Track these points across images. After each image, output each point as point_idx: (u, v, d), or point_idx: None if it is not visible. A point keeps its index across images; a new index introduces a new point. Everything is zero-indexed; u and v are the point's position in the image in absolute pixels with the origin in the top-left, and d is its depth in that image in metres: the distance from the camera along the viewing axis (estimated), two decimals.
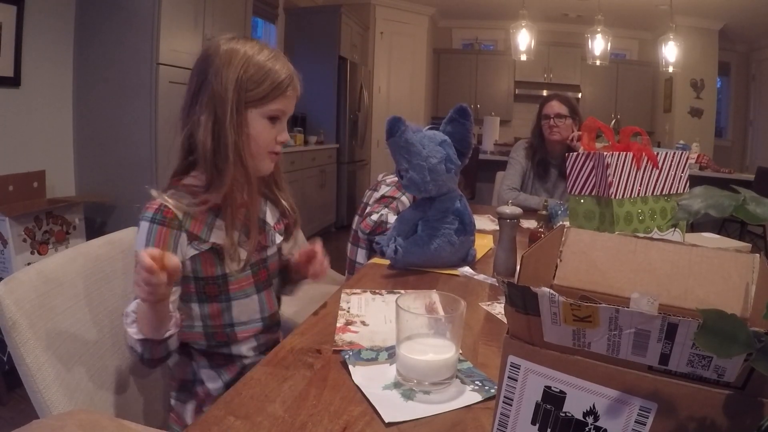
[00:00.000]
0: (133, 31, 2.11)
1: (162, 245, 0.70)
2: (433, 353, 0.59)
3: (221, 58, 0.74)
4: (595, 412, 0.37)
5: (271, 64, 0.76)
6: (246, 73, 0.74)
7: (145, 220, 0.72)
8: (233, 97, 0.73)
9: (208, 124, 0.73)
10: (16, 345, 0.60)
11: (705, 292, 0.45)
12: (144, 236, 0.71)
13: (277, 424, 0.52)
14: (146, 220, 0.72)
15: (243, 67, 0.74)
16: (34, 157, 2.05)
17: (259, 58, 0.75)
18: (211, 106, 0.74)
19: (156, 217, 0.72)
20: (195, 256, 0.74)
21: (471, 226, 1.13)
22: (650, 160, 0.96)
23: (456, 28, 5.91)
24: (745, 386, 0.33)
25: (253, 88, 0.74)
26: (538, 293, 0.36)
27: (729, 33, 4.89)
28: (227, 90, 0.73)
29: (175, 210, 0.72)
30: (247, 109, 0.75)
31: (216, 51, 0.75)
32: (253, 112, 0.76)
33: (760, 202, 0.33)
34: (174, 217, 0.72)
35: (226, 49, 0.75)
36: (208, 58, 0.75)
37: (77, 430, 0.37)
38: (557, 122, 1.90)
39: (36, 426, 0.37)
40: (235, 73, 0.73)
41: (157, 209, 0.72)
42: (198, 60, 0.78)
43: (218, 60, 0.74)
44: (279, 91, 0.76)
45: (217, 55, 0.75)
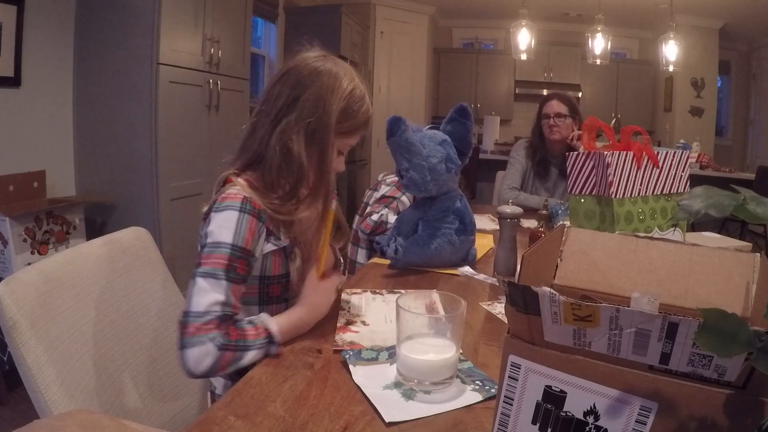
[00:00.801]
0: (133, 31, 2.10)
1: (251, 236, 0.70)
2: (434, 353, 0.59)
3: (324, 82, 0.76)
4: (596, 411, 0.37)
5: (361, 103, 0.79)
6: (345, 106, 0.77)
7: (231, 209, 0.70)
8: (333, 127, 0.76)
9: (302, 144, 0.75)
10: (16, 345, 0.60)
11: (705, 291, 0.45)
12: (233, 225, 0.68)
13: (277, 424, 0.52)
14: (233, 209, 0.70)
15: (345, 98, 0.77)
16: (35, 157, 2.05)
17: (356, 93, 0.78)
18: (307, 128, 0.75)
19: (245, 207, 0.70)
20: (267, 254, 0.75)
21: (471, 225, 1.13)
22: (650, 159, 0.96)
23: (456, 28, 5.91)
24: (745, 386, 0.33)
25: (344, 121, 0.78)
26: (538, 293, 0.36)
27: (729, 32, 4.89)
28: (330, 118, 0.75)
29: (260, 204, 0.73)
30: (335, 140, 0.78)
31: (316, 71, 0.77)
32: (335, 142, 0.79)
33: (761, 201, 0.33)
34: (261, 209, 0.72)
35: (329, 72, 0.77)
36: (307, 75, 0.76)
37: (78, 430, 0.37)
38: (557, 121, 1.90)
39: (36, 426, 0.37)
40: (339, 103, 0.76)
41: (245, 200, 0.71)
42: (290, 70, 0.78)
43: (320, 82, 0.76)
44: (359, 130, 0.81)
45: (319, 77, 0.76)
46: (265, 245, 0.74)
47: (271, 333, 0.67)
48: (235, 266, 0.67)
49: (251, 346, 0.65)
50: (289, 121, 0.75)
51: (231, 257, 0.66)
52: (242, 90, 2.77)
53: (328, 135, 0.76)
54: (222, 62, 2.51)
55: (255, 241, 0.71)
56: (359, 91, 0.79)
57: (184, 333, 0.63)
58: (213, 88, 2.46)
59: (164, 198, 2.19)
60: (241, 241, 0.68)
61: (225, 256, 0.66)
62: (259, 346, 0.65)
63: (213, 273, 0.65)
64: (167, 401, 0.85)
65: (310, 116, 0.75)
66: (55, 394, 0.60)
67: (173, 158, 2.23)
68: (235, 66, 2.67)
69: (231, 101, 2.63)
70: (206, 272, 0.65)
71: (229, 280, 0.66)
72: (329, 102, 0.75)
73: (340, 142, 0.80)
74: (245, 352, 0.64)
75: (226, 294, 0.65)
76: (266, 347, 0.66)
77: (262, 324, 0.68)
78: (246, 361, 0.65)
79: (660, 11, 4.32)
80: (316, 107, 0.75)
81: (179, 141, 2.27)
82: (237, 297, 0.68)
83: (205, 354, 0.62)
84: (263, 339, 0.66)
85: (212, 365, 0.62)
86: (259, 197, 0.74)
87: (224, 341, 0.63)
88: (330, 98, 0.75)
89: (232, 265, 0.66)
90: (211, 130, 2.50)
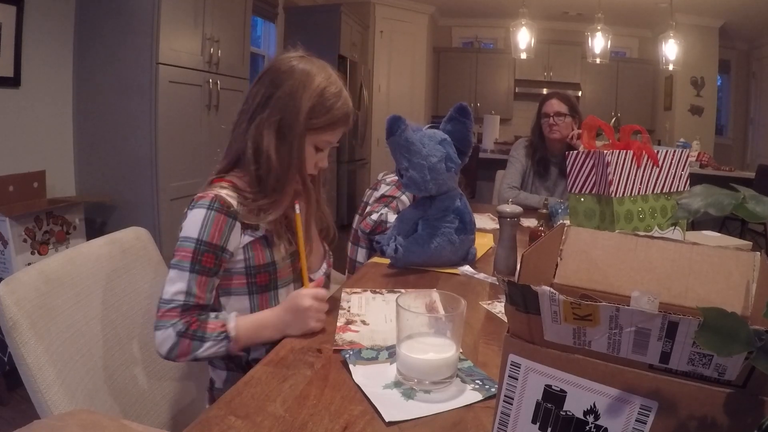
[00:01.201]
0: (132, 31, 2.10)
1: (218, 233, 0.73)
2: (434, 352, 0.59)
3: (296, 80, 0.78)
4: (596, 410, 0.37)
5: (335, 99, 0.80)
6: (317, 102, 0.79)
7: (200, 207, 0.74)
8: (304, 123, 0.78)
9: (271, 140, 0.78)
10: (16, 345, 0.60)
11: (705, 290, 0.45)
12: (199, 222, 0.73)
13: (277, 424, 0.52)
14: (202, 207, 0.74)
15: (316, 95, 0.78)
16: (34, 157, 2.05)
17: (330, 90, 0.80)
18: (278, 124, 0.78)
19: (213, 205, 0.74)
20: (248, 245, 0.78)
21: (471, 224, 1.13)
22: (650, 158, 0.96)
23: (456, 27, 5.90)
24: (746, 384, 0.33)
25: (316, 117, 0.79)
26: (538, 292, 0.36)
27: (729, 31, 4.88)
28: (299, 114, 0.77)
29: (229, 200, 0.75)
30: (307, 135, 0.80)
31: (290, 70, 0.79)
32: (309, 138, 0.80)
33: (760, 200, 0.33)
34: (230, 206, 0.75)
35: (302, 70, 0.79)
36: (281, 73, 0.79)
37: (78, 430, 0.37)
38: (557, 120, 1.90)
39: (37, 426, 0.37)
40: (309, 100, 0.78)
41: (213, 198, 0.75)
42: (268, 70, 0.81)
43: (293, 81, 0.78)
44: (336, 125, 0.82)
45: (292, 75, 0.78)
46: (242, 238, 0.77)
47: (227, 329, 0.71)
48: (200, 259, 0.72)
49: (207, 338, 0.70)
50: (262, 118, 0.78)
51: (195, 251, 0.72)
52: (242, 90, 2.76)
53: (297, 130, 0.78)
54: (222, 62, 2.51)
55: (224, 236, 0.74)
56: (334, 88, 0.81)
57: (155, 316, 0.70)
58: (213, 88, 2.46)
59: (164, 198, 2.19)
60: (206, 236, 0.73)
61: (190, 249, 0.72)
62: (215, 339, 0.70)
63: (179, 264, 0.71)
64: (167, 400, 0.85)
65: (281, 113, 0.78)
66: (55, 394, 0.60)
67: (173, 158, 2.23)
68: (235, 65, 2.67)
69: (231, 101, 2.63)
70: (174, 264, 0.72)
71: (193, 272, 0.71)
72: (299, 98, 0.77)
73: (316, 138, 0.81)
74: (202, 342, 0.69)
75: (188, 285, 0.70)
76: (222, 342, 0.70)
77: (223, 319, 0.72)
78: (203, 352, 0.69)
79: (660, 10, 4.31)
80: (286, 104, 0.78)
81: (179, 141, 2.27)
82: (203, 288, 0.72)
83: (166, 338, 0.68)
84: (219, 333, 0.70)
85: (171, 349, 0.68)
86: (237, 195, 0.77)
87: (183, 329, 0.69)
88: (300, 94, 0.77)
89: (196, 258, 0.71)
90: (210, 130, 2.50)
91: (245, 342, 0.73)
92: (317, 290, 0.77)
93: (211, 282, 0.74)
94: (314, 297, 0.75)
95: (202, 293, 0.72)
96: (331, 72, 0.83)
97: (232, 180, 0.80)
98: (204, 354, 0.70)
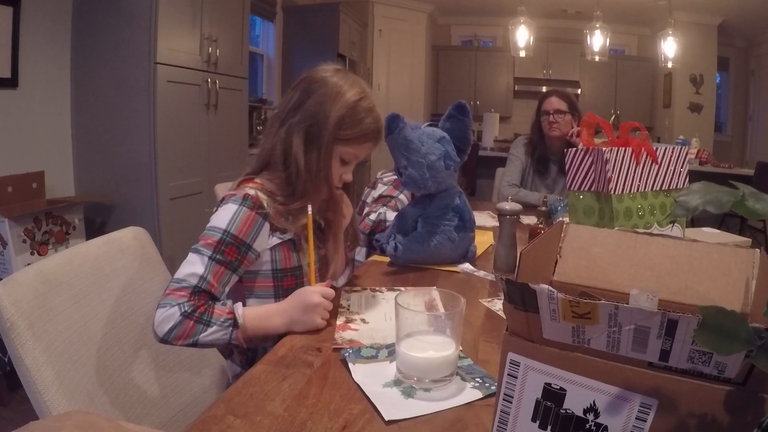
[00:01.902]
0: (130, 31, 2.09)
1: (246, 228, 0.73)
2: (434, 350, 0.59)
3: (329, 90, 0.80)
4: (596, 408, 0.37)
5: (366, 114, 0.82)
6: (347, 113, 0.80)
7: (232, 203, 0.75)
8: (331, 131, 0.79)
9: (300, 146, 0.79)
10: (14, 346, 0.59)
11: (705, 287, 0.45)
12: (229, 216, 0.73)
13: (276, 423, 0.52)
14: (234, 203, 0.75)
15: (347, 107, 0.80)
16: (33, 157, 2.05)
17: (362, 104, 0.82)
18: (307, 130, 0.80)
19: (246, 202, 0.75)
20: (275, 247, 0.79)
21: (471, 222, 1.13)
22: (649, 155, 0.95)
23: (455, 25, 5.89)
24: (746, 382, 0.33)
25: (346, 128, 0.80)
26: (536, 290, 0.36)
27: (728, 28, 4.88)
28: (328, 122, 0.79)
29: (261, 200, 0.77)
30: (335, 145, 0.81)
31: (324, 80, 0.81)
32: (336, 148, 0.82)
33: (759, 197, 0.32)
34: (261, 205, 0.76)
35: (335, 82, 0.81)
36: (315, 81, 0.82)
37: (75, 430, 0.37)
38: (556, 118, 1.90)
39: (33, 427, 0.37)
40: (339, 111, 0.79)
41: (246, 196, 0.76)
42: (303, 79, 0.84)
43: (325, 90, 0.80)
44: (364, 140, 0.83)
45: (325, 86, 0.81)
46: (270, 239, 0.78)
47: (235, 315, 0.70)
48: (223, 249, 0.72)
49: (213, 322, 0.69)
50: (292, 123, 0.80)
51: (220, 241, 0.72)
52: (241, 89, 2.76)
53: (325, 138, 0.79)
54: (220, 61, 2.51)
55: (252, 234, 0.75)
56: (366, 103, 0.82)
57: (163, 294, 0.70)
58: (211, 87, 2.46)
59: (163, 197, 2.19)
60: (234, 229, 0.73)
61: (215, 239, 0.72)
62: (221, 325, 0.69)
63: (200, 250, 0.72)
64: (166, 401, 0.84)
65: (311, 120, 0.79)
66: (54, 394, 0.60)
67: (172, 158, 2.23)
68: (234, 65, 2.66)
69: (229, 100, 2.63)
70: (195, 248, 0.72)
71: (213, 260, 0.71)
72: (329, 107, 0.79)
73: (343, 149, 0.82)
74: (207, 327, 0.69)
75: (205, 270, 0.71)
76: (228, 329, 0.70)
77: (231, 306, 0.72)
78: (206, 337, 0.69)
79: (658, 8, 4.30)
80: (317, 112, 0.79)
81: (178, 140, 2.26)
82: (218, 278, 0.72)
83: (169, 316, 0.67)
84: (226, 319, 0.70)
85: (172, 329, 0.67)
86: (268, 197, 0.78)
87: (189, 310, 0.68)
88: (331, 103, 0.79)
89: (219, 248, 0.72)
90: (210, 129, 2.50)
91: (251, 332, 0.72)
92: (325, 288, 0.77)
93: (227, 276, 0.74)
94: (323, 294, 0.75)
95: (216, 282, 0.72)
96: (365, 88, 0.84)
97: (262, 182, 0.81)
98: (206, 339, 0.69)
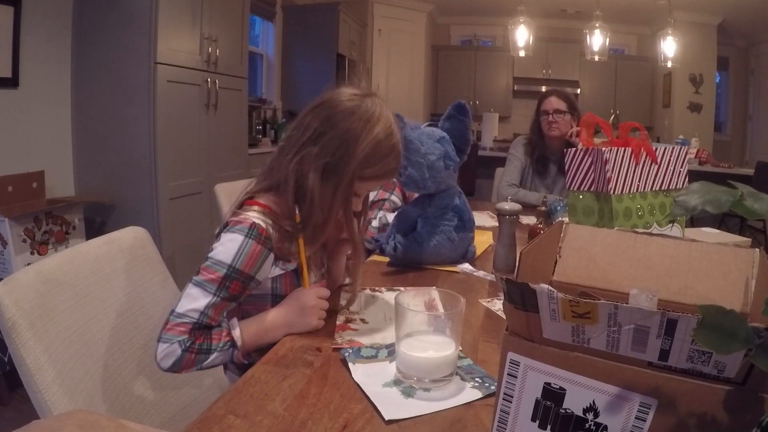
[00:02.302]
0: (130, 31, 2.09)
1: (252, 263, 0.71)
2: (433, 350, 0.59)
3: (355, 125, 0.74)
4: (595, 408, 0.37)
5: (389, 151, 0.77)
6: (371, 152, 0.75)
7: (238, 233, 0.71)
8: (351, 173, 0.74)
9: (316, 181, 0.74)
10: (15, 346, 0.60)
11: (704, 287, 0.45)
12: (236, 249, 0.70)
13: (277, 423, 0.52)
14: (240, 233, 0.71)
15: (372, 145, 0.75)
16: (33, 157, 2.05)
17: (387, 142, 0.76)
18: (326, 166, 0.74)
19: (252, 233, 0.71)
20: (277, 276, 0.77)
21: (470, 222, 1.13)
22: (649, 155, 0.96)
23: (454, 25, 5.89)
24: (745, 382, 0.33)
25: (367, 167, 0.76)
26: (536, 290, 0.36)
27: (727, 28, 4.88)
28: (351, 162, 0.74)
29: (268, 229, 0.73)
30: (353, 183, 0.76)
31: (349, 111, 0.75)
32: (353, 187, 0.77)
33: (758, 197, 0.32)
34: (268, 236, 0.73)
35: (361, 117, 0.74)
36: (339, 112, 0.75)
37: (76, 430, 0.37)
38: (556, 118, 1.90)
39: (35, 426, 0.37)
40: (364, 150, 0.74)
41: (252, 226, 0.72)
42: (324, 103, 0.77)
43: (350, 123, 0.74)
44: (383, 177, 0.80)
45: (351, 117, 0.74)
46: (273, 269, 0.76)
47: (233, 338, 0.70)
48: (228, 286, 0.70)
49: (214, 349, 0.69)
50: (310, 153, 0.74)
51: (226, 276, 0.69)
52: (240, 89, 2.76)
53: (346, 177, 0.74)
54: (220, 61, 2.51)
55: (257, 266, 0.72)
56: (391, 139, 0.77)
57: (163, 328, 0.68)
58: (211, 87, 2.46)
59: (163, 197, 2.19)
60: (240, 264, 0.70)
61: (220, 274, 0.69)
62: (221, 349, 0.70)
63: (204, 285, 0.69)
64: (167, 400, 0.85)
65: (331, 155, 0.74)
66: (54, 394, 0.60)
67: (172, 157, 2.23)
68: (233, 65, 2.66)
69: (229, 100, 2.63)
70: (199, 282, 0.70)
71: (217, 296, 0.69)
72: (354, 146, 0.74)
73: (360, 185, 0.78)
74: (208, 354, 0.69)
75: (207, 306, 0.69)
76: (229, 350, 0.70)
77: (226, 327, 0.72)
78: (209, 363, 0.69)
79: (658, 7, 4.31)
80: (339, 148, 0.74)
81: (178, 140, 2.26)
82: (219, 311, 0.71)
83: (171, 353, 0.67)
84: (225, 342, 0.70)
85: (174, 364, 0.68)
86: (273, 222, 0.75)
87: (189, 344, 0.68)
88: (356, 141, 0.74)
89: (224, 284, 0.69)
90: (209, 129, 2.50)
91: (250, 347, 0.72)
92: (320, 288, 0.77)
93: (229, 307, 0.73)
94: (318, 295, 0.75)
95: (217, 315, 0.70)
96: (391, 120, 0.78)
97: (268, 204, 0.77)
98: (209, 364, 0.69)
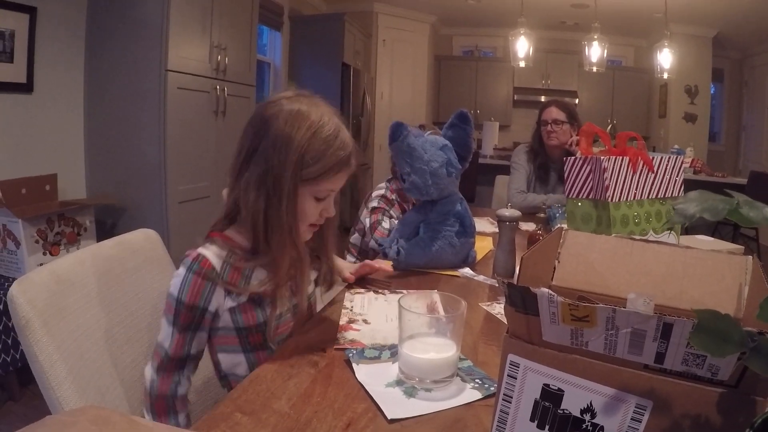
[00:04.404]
0: (142, 39, 2.11)
1: (195, 294, 0.69)
2: (435, 352, 0.60)
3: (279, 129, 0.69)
4: (592, 409, 0.38)
5: (329, 143, 0.71)
6: (307, 149, 0.69)
7: (182, 266, 0.70)
8: (291, 177, 0.69)
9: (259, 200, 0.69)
10: (29, 343, 0.61)
11: (699, 292, 0.45)
12: (179, 283, 0.69)
13: (282, 421, 0.53)
14: (183, 266, 0.70)
15: (305, 142, 0.69)
16: (47, 160, 2.06)
17: (322, 133, 0.70)
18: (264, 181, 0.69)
19: (192, 267, 0.69)
20: (234, 308, 0.72)
21: (471, 228, 1.14)
22: (646, 164, 0.97)
23: (456, 36, 5.94)
24: (738, 384, 0.34)
25: (308, 167, 0.70)
26: (537, 293, 0.37)
27: (722, 40, 4.92)
28: (285, 169, 0.69)
29: (213, 261, 0.70)
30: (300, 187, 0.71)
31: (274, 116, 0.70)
32: (303, 190, 0.72)
33: (753, 205, 0.33)
34: (211, 268, 0.69)
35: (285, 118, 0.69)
36: (264, 122, 0.70)
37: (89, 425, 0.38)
38: (555, 128, 1.93)
39: (49, 421, 0.38)
40: (297, 151, 0.68)
41: (196, 258, 0.70)
42: (252, 119, 0.72)
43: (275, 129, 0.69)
44: (333, 172, 0.72)
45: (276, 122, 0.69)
46: (225, 302, 0.71)
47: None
48: (179, 317, 0.69)
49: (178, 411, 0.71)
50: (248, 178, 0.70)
51: (176, 309, 0.69)
52: (248, 96, 2.78)
53: (286, 186, 0.69)
54: (229, 69, 2.53)
55: (203, 298, 0.69)
56: (328, 129, 0.71)
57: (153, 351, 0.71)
58: (220, 94, 2.48)
59: (172, 201, 2.20)
60: (184, 297, 0.69)
61: (171, 306, 0.70)
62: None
63: (166, 315, 0.71)
64: None
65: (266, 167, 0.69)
66: (66, 390, 0.61)
67: (181, 162, 2.24)
68: (242, 73, 2.69)
69: (237, 107, 2.65)
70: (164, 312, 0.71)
71: (174, 326, 0.69)
72: (285, 150, 0.68)
73: (313, 188, 0.72)
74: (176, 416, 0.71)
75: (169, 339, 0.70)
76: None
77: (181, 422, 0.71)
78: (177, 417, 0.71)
79: (655, 20, 4.35)
80: (271, 156, 0.69)
81: (187, 145, 2.28)
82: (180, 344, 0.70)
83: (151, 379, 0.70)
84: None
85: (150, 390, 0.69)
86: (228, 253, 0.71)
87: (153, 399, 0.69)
88: (286, 147, 0.68)
89: (177, 314, 0.69)
90: (218, 135, 2.52)
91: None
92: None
93: (190, 336, 0.70)
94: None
95: (179, 349, 0.69)
96: (323, 111, 0.72)
97: (231, 235, 0.73)
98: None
